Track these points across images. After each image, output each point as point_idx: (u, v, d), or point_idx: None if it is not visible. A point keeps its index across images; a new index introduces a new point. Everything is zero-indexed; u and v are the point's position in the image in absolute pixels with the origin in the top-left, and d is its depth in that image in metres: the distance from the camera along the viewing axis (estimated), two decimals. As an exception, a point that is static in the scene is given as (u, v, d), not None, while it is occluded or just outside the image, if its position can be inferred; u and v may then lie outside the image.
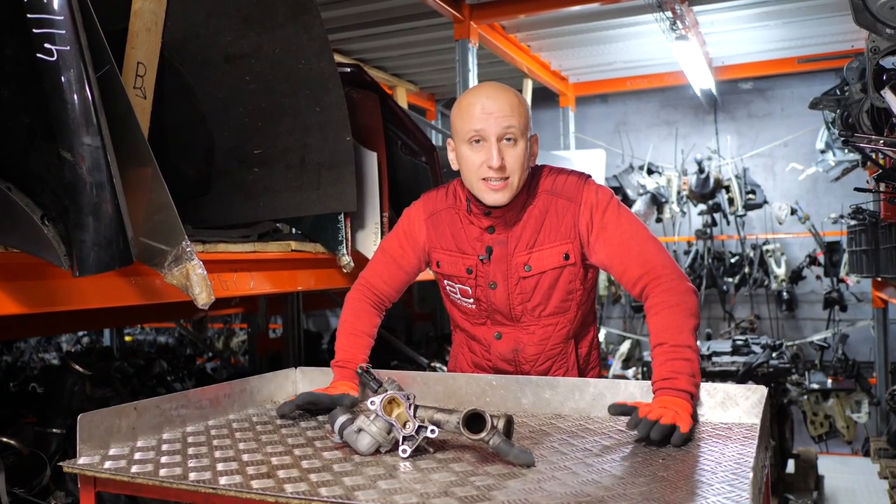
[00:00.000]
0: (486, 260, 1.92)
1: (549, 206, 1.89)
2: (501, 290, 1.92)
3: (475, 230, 1.94)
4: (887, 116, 2.61)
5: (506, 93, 1.85)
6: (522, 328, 1.96)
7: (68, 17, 1.43)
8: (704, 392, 1.67)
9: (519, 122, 1.82)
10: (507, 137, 1.81)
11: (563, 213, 1.88)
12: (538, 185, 1.92)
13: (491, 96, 1.83)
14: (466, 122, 1.84)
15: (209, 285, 1.81)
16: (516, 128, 1.81)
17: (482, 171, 1.83)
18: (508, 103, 1.82)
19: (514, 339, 1.96)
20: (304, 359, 5.09)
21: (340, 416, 1.49)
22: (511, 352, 1.98)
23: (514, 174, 1.82)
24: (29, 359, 6.34)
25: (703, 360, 5.09)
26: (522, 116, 1.84)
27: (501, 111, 1.80)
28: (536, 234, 1.89)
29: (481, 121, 1.81)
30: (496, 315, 1.97)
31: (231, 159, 2.57)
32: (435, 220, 2.01)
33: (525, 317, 1.94)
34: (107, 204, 1.48)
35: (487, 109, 1.81)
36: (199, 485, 1.27)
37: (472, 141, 1.83)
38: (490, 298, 1.94)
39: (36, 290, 1.67)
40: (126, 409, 1.56)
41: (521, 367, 1.99)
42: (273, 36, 2.37)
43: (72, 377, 2.70)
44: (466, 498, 1.17)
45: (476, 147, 1.83)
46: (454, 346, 2.17)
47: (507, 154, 1.81)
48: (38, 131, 1.52)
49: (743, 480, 1.22)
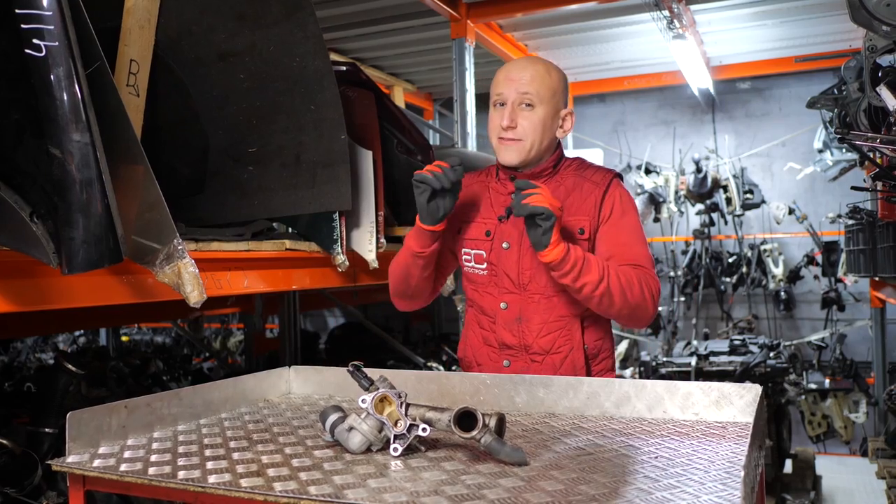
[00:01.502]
0: (504, 219, 2.04)
1: (576, 186, 2.03)
2: (513, 252, 2.02)
3: (500, 197, 2.08)
4: (885, 115, 2.60)
5: (534, 64, 2.04)
6: (528, 297, 2.02)
7: (57, 13, 1.43)
8: (699, 391, 1.67)
9: (539, 89, 1.98)
10: (526, 102, 1.98)
11: (588, 194, 2.02)
12: (569, 166, 2.09)
13: (519, 65, 2.03)
14: (493, 87, 2.04)
15: (201, 283, 1.80)
16: (534, 94, 1.97)
17: (498, 131, 2.01)
18: (533, 72, 1.99)
19: (520, 308, 2.02)
20: (301, 359, 5.08)
21: (331, 414, 1.48)
22: (515, 321, 2.03)
23: (527, 137, 1.99)
24: (25, 359, 6.33)
25: (701, 360, 5.09)
26: (545, 86, 1.99)
27: (522, 78, 1.98)
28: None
29: (503, 85, 2.00)
30: (504, 280, 2.04)
31: (225, 158, 2.56)
32: (466, 191, 2.12)
33: (532, 284, 2.01)
34: (96, 201, 1.48)
35: (511, 76, 2.00)
36: (188, 483, 1.26)
37: (496, 104, 2.03)
38: (502, 260, 2.04)
39: (25, 289, 1.66)
40: (116, 407, 1.55)
41: (525, 339, 2.02)
42: (267, 34, 2.36)
43: (65, 377, 2.69)
44: (457, 497, 1.16)
45: (498, 109, 2.02)
46: (465, 325, 2.20)
47: (522, 117, 1.98)
48: (27, 128, 1.51)
49: (735, 479, 1.21)
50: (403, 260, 2.07)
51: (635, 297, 1.90)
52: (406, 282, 2.11)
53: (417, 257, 2.03)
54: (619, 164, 7.38)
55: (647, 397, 1.70)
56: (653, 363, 5.26)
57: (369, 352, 5.42)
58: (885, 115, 2.60)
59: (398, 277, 2.12)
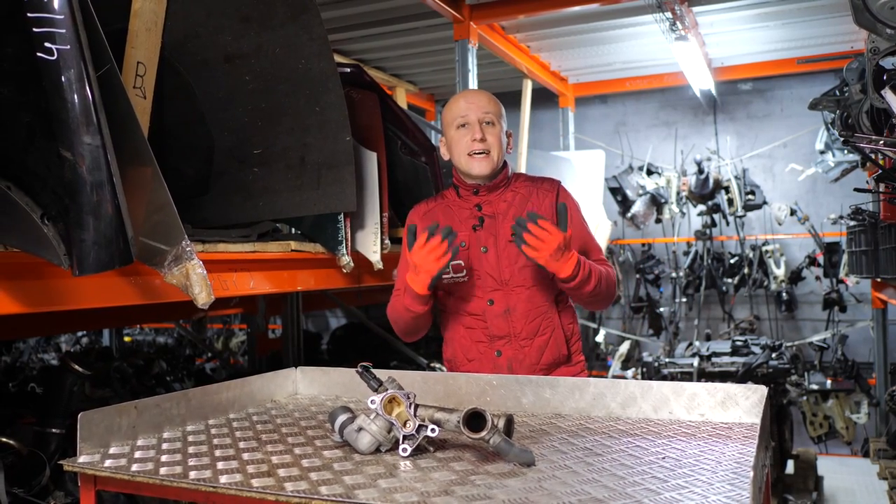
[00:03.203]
0: (479, 227, 2.28)
1: (532, 192, 2.31)
2: (492, 254, 2.26)
3: (466, 211, 2.32)
4: (887, 117, 2.61)
5: (484, 92, 2.38)
6: (511, 291, 2.25)
7: (68, 17, 1.44)
8: (705, 391, 1.68)
9: (495, 110, 2.30)
10: (487, 121, 2.27)
11: (543, 198, 2.30)
12: (519, 180, 2.36)
13: (473, 93, 2.37)
14: (454, 112, 2.31)
15: (209, 285, 1.81)
16: (493, 114, 2.28)
17: (468, 147, 2.25)
18: (487, 98, 2.32)
19: (506, 301, 2.25)
20: (303, 359, 5.09)
21: (340, 415, 1.49)
22: (503, 313, 2.25)
23: (493, 149, 2.26)
24: (28, 359, 6.33)
25: (703, 361, 5.10)
26: (498, 108, 2.32)
27: (481, 102, 2.30)
28: (521, 211, 2.24)
29: (465, 109, 2.29)
30: (488, 280, 2.26)
31: (231, 159, 2.56)
32: (430, 215, 2.37)
33: (513, 279, 2.25)
34: (106, 203, 1.48)
35: (470, 101, 2.30)
36: (200, 483, 1.27)
37: (458, 126, 2.29)
38: (482, 263, 2.27)
39: (35, 290, 1.66)
40: (126, 407, 1.56)
41: (514, 328, 2.24)
42: (273, 36, 2.37)
43: (71, 377, 2.70)
44: (467, 497, 1.17)
45: (462, 130, 2.28)
46: (448, 330, 2.36)
47: (488, 132, 2.26)
48: (38, 130, 1.52)
49: (743, 479, 1.22)
50: (405, 315, 2.23)
51: (612, 292, 2.25)
52: (408, 327, 2.29)
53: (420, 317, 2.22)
54: (620, 165, 7.38)
55: (652, 398, 1.71)
56: (655, 364, 5.26)
57: (371, 352, 5.42)
58: (888, 117, 2.60)
59: (402, 325, 2.29)
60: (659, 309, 7.19)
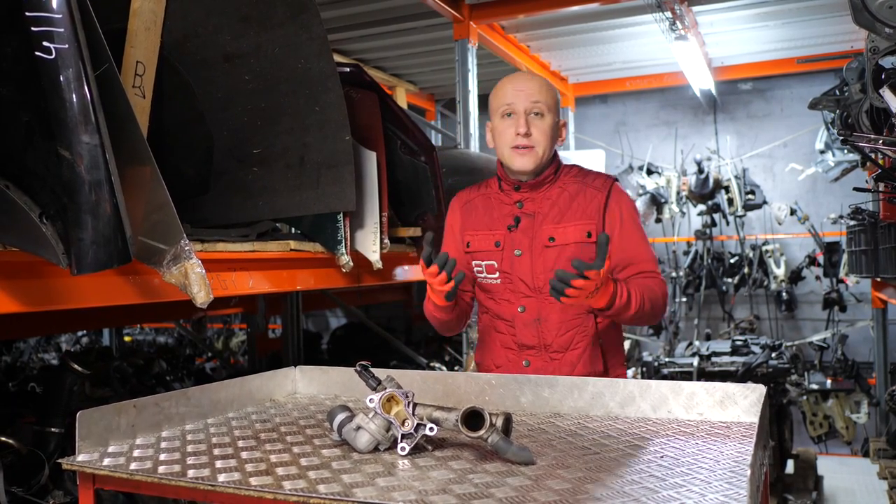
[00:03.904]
0: (513, 228, 2.13)
1: (580, 192, 2.12)
2: (526, 258, 2.11)
3: (506, 207, 2.17)
4: (886, 116, 2.61)
5: (537, 76, 2.17)
6: (544, 299, 2.08)
7: (67, 16, 1.44)
8: (703, 391, 1.68)
9: (546, 99, 2.09)
10: (535, 112, 2.07)
11: (591, 199, 2.10)
12: (569, 174, 2.17)
13: (522, 78, 2.14)
14: (500, 99, 2.12)
15: (208, 284, 1.81)
16: (543, 103, 2.08)
17: (512, 140, 2.08)
18: (538, 84, 2.11)
19: (537, 309, 2.10)
20: (303, 359, 5.09)
21: (339, 413, 1.49)
22: (534, 322, 2.10)
23: (539, 144, 2.08)
24: (28, 359, 6.34)
25: (703, 361, 5.10)
26: (550, 97, 2.11)
27: (530, 89, 2.08)
28: (564, 212, 2.10)
29: (512, 96, 2.08)
30: (520, 285, 2.11)
31: (230, 159, 2.56)
32: (469, 206, 2.24)
33: (547, 287, 2.03)
34: (105, 202, 1.48)
35: (519, 87, 2.09)
36: (198, 482, 1.27)
37: (504, 115, 2.11)
38: (515, 267, 2.11)
39: (34, 289, 1.67)
40: (125, 406, 1.56)
41: (544, 338, 2.10)
42: (272, 35, 2.37)
43: (70, 377, 2.70)
44: (465, 495, 1.17)
45: (507, 120, 2.10)
46: (480, 332, 2.27)
47: (534, 125, 2.08)
48: (37, 129, 1.52)
49: (741, 478, 1.22)
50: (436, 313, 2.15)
51: (658, 310, 2.05)
52: (443, 323, 2.20)
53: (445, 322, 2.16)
54: (620, 165, 7.39)
55: (651, 397, 1.71)
56: (655, 363, 5.26)
57: (372, 352, 5.42)
58: (887, 117, 2.60)
59: (436, 322, 2.21)
60: (659, 308, 7.18)
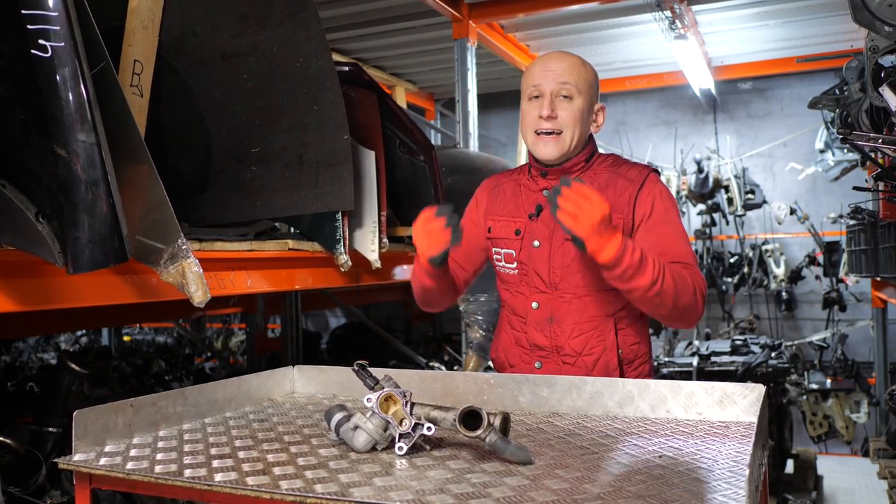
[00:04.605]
0: (534, 217, 1.99)
1: (610, 182, 1.96)
2: (544, 250, 1.97)
3: (532, 194, 2.03)
4: (886, 115, 2.61)
5: (570, 56, 1.99)
6: (559, 297, 1.96)
7: (63, 14, 1.43)
8: (702, 390, 1.67)
9: (577, 81, 1.93)
10: (563, 94, 1.92)
11: (622, 192, 1.95)
12: (603, 163, 2.02)
13: (553, 57, 1.98)
14: (527, 80, 1.98)
15: (205, 283, 1.80)
16: (572, 85, 1.92)
17: (535, 123, 1.94)
18: (569, 63, 1.95)
19: (551, 308, 1.97)
20: (302, 359, 5.09)
21: (337, 413, 1.48)
22: (547, 321, 1.97)
23: (566, 129, 1.92)
24: (27, 358, 6.34)
25: (703, 360, 5.09)
26: (582, 78, 1.94)
27: (560, 69, 1.93)
28: None
29: (540, 77, 1.94)
30: (535, 279, 1.99)
31: (229, 158, 2.56)
32: (497, 190, 2.12)
33: (563, 283, 1.96)
34: (101, 201, 1.48)
35: (548, 67, 1.94)
36: (195, 481, 1.27)
37: (531, 97, 1.96)
38: (532, 259, 1.99)
39: (31, 288, 1.66)
40: (122, 406, 1.55)
41: (556, 340, 1.97)
42: (271, 34, 2.37)
43: (69, 376, 2.70)
44: (462, 495, 1.16)
45: (534, 102, 1.95)
46: (498, 326, 2.17)
47: (561, 108, 1.92)
48: (33, 128, 1.52)
49: (739, 478, 1.21)
50: (421, 277, 2.05)
51: (688, 300, 1.81)
52: (427, 294, 2.10)
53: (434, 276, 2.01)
54: (620, 165, 7.38)
55: (650, 397, 1.70)
56: (654, 363, 5.26)
57: (371, 352, 5.43)
58: (887, 116, 2.60)
59: (419, 291, 2.11)
60: (659, 308, 7.18)
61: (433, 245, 1.86)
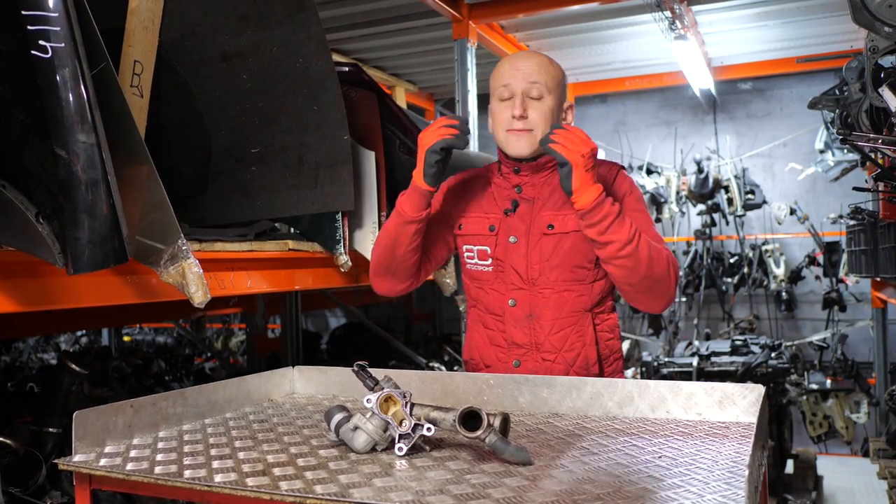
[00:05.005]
0: (510, 213, 2.01)
1: None
2: (521, 245, 1.98)
3: (504, 191, 2.05)
4: (886, 116, 2.61)
5: (537, 56, 2.02)
6: (537, 292, 1.97)
7: (63, 15, 1.43)
8: (702, 391, 1.67)
9: (546, 80, 1.96)
10: (533, 93, 1.95)
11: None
12: None
13: (522, 57, 2.01)
14: (497, 80, 2.00)
15: (205, 284, 1.80)
16: (542, 84, 1.95)
17: (508, 122, 1.96)
18: (537, 63, 1.98)
19: (529, 304, 1.97)
20: (302, 359, 5.09)
21: (336, 414, 1.48)
22: (526, 318, 1.97)
23: (537, 127, 1.95)
24: (27, 359, 6.34)
25: (703, 360, 5.09)
26: (551, 77, 1.98)
27: (529, 68, 1.96)
28: (566, 199, 1.94)
29: (509, 76, 1.97)
30: (512, 275, 1.99)
31: (228, 158, 2.56)
32: (466, 185, 2.13)
33: (541, 278, 1.96)
34: (101, 202, 1.48)
35: (517, 66, 1.97)
36: (195, 482, 1.27)
37: (501, 97, 1.98)
38: (509, 255, 1.99)
39: (31, 289, 1.66)
40: (122, 406, 1.55)
41: (536, 337, 1.97)
42: (270, 34, 2.37)
43: (68, 376, 2.70)
44: (462, 496, 1.17)
45: (505, 102, 1.98)
46: (469, 327, 2.15)
47: (532, 108, 1.95)
48: (33, 128, 1.52)
49: (739, 479, 1.21)
50: (393, 228, 1.97)
51: (661, 270, 1.84)
52: (392, 252, 1.99)
53: (410, 223, 1.94)
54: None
55: (650, 397, 1.70)
56: (654, 363, 5.26)
57: (371, 352, 5.42)
58: (887, 116, 2.60)
59: (384, 248, 2.01)
60: (658, 308, 7.18)
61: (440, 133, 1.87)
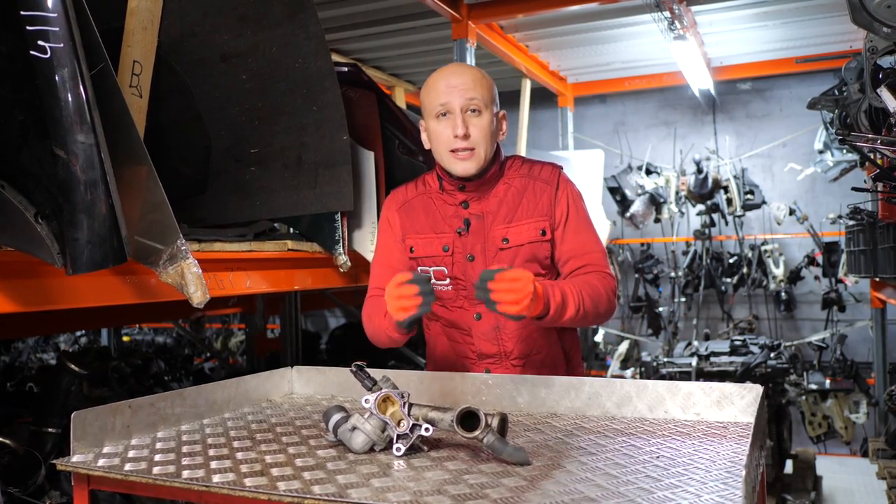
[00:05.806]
0: (464, 232, 1.99)
1: (527, 187, 2.00)
2: (479, 263, 1.97)
3: (450, 208, 2.02)
4: (885, 116, 2.61)
5: (469, 69, 2.00)
6: None
7: (62, 15, 1.44)
8: (700, 391, 1.67)
9: (482, 94, 1.93)
10: (472, 109, 1.92)
11: (541, 194, 1.99)
12: (513, 168, 2.04)
13: (455, 72, 1.96)
14: (433, 98, 1.95)
15: (204, 284, 1.81)
16: (480, 99, 1.92)
17: (450, 143, 1.93)
18: (472, 77, 1.94)
19: (495, 316, 1.92)
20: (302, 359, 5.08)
21: (335, 414, 1.48)
22: (493, 330, 1.99)
23: (479, 145, 1.93)
24: (27, 359, 6.34)
25: (702, 361, 5.10)
26: (486, 89, 1.95)
27: (465, 84, 1.92)
28: (514, 211, 1.97)
29: (446, 94, 1.92)
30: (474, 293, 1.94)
31: (228, 158, 2.56)
32: (407, 208, 2.07)
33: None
34: (100, 202, 1.48)
35: (452, 83, 1.92)
36: (193, 482, 1.27)
37: (438, 115, 1.94)
38: (468, 273, 1.98)
39: (30, 289, 1.66)
40: (121, 407, 1.56)
41: (504, 346, 2.00)
42: (270, 35, 2.37)
43: (67, 377, 2.70)
44: (460, 496, 1.17)
45: (443, 120, 1.93)
46: (429, 341, 2.13)
47: (473, 124, 1.92)
48: (32, 129, 1.52)
49: (736, 479, 1.21)
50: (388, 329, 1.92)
51: (604, 307, 1.90)
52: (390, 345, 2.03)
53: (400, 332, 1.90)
54: (619, 165, 7.38)
55: (648, 397, 1.70)
56: (653, 364, 5.27)
57: (371, 352, 5.39)
58: (886, 116, 2.60)
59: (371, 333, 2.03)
60: (658, 309, 7.20)
61: (403, 310, 1.75)
